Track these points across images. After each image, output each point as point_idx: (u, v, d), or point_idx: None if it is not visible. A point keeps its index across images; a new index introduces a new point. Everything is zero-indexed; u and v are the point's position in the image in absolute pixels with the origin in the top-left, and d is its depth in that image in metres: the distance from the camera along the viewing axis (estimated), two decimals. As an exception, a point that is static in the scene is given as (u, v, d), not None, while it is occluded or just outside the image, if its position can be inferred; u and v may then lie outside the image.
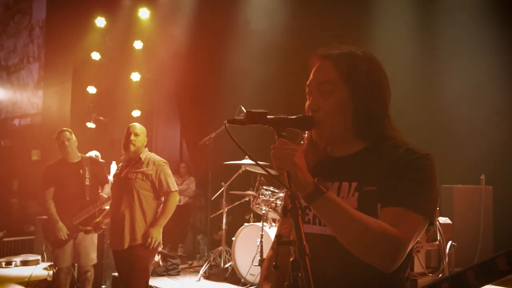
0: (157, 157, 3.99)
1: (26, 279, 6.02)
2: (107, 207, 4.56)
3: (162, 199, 3.96)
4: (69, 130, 4.72)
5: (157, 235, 3.79)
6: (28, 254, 7.71)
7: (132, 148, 3.90)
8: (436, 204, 1.35)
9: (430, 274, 4.65)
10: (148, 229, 3.78)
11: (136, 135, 3.94)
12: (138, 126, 4.04)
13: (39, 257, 7.44)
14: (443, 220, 5.13)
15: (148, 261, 3.83)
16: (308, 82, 1.46)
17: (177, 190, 3.95)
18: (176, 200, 3.93)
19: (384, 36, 6.09)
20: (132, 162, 3.93)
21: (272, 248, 1.66)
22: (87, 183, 4.62)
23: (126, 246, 3.78)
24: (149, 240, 3.74)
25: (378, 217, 1.30)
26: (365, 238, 1.23)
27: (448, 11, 5.97)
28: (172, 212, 3.91)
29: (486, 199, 5.79)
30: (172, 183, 3.93)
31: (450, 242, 4.94)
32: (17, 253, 7.94)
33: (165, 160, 4.01)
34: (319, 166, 1.49)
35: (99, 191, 4.78)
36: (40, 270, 6.04)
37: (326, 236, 1.37)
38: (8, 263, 7.17)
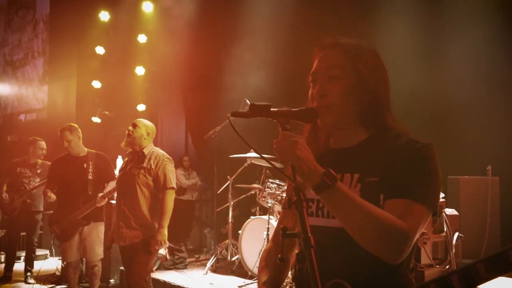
0: (160, 152, 3.95)
1: (34, 274, 6.07)
2: (113, 202, 4.58)
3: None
4: (71, 127, 4.70)
5: (163, 237, 3.76)
6: (36, 249, 7.74)
7: (127, 139, 3.88)
8: (439, 194, 1.35)
9: (437, 266, 4.64)
10: (154, 236, 3.76)
11: (134, 126, 3.91)
12: (140, 120, 4.02)
13: (47, 251, 7.49)
14: (449, 211, 5.10)
15: (150, 256, 3.82)
16: (312, 70, 1.46)
17: (174, 188, 3.87)
18: (172, 197, 3.86)
19: (389, 27, 6.04)
20: (136, 158, 3.92)
21: (273, 240, 1.65)
22: (89, 177, 4.64)
23: (128, 242, 3.80)
24: (156, 246, 3.74)
25: (381, 207, 1.30)
26: (373, 229, 1.22)
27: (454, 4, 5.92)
28: (171, 210, 3.84)
29: (492, 190, 5.76)
30: (171, 180, 3.85)
31: (457, 234, 4.92)
32: (25, 248, 7.98)
33: (168, 156, 3.96)
34: (321, 159, 1.48)
35: (105, 186, 4.79)
36: (48, 264, 6.08)
37: (330, 228, 1.38)
38: (17, 258, 7.22)
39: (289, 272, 2.82)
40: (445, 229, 4.81)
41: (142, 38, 8.30)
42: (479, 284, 1.12)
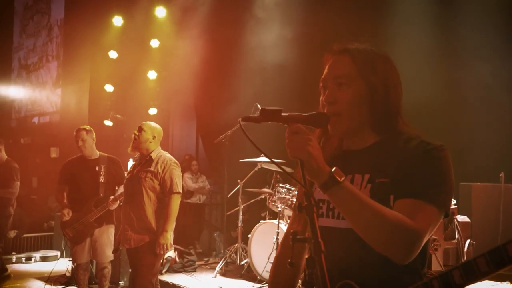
0: (168, 156, 3.96)
1: (45, 275, 6.11)
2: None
3: None
4: (87, 129, 4.77)
5: (166, 241, 3.76)
6: (47, 250, 7.83)
7: (133, 143, 3.89)
8: (452, 195, 1.34)
9: (448, 273, 4.59)
10: (157, 239, 3.76)
11: (139, 130, 3.92)
12: (146, 123, 4.02)
13: (58, 253, 7.56)
14: (461, 218, 5.06)
15: (155, 259, 3.83)
16: (322, 77, 1.46)
17: (179, 192, 3.88)
18: (178, 201, 3.86)
19: (404, 33, 6.02)
20: (143, 161, 3.94)
21: (282, 245, 1.64)
22: (101, 180, 4.67)
23: (133, 245, 3.81)
24: (159, 250, 3.73)
25: (391, 208, 1.29)
26: (380, 228, 1.22)
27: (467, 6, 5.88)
28: (176, 214, 3.85)
29: (505, 197, 5.70)
30: (177, 184, 3.86)
31: (468, 241, 4.88)
32: (36, 249, 8.07)
33: (176, 161, 3.97)
34: (332, 160, 1.47)
35: (116, 190, 4.82)
36: (59, 265, 6.13)
37: (340, 229, 1.38)
38: (28, 259, 7.29)
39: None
40: (456, 236, 4.77)
41: (154, 43, 8.36)
42: (480, 279, 1.12)
